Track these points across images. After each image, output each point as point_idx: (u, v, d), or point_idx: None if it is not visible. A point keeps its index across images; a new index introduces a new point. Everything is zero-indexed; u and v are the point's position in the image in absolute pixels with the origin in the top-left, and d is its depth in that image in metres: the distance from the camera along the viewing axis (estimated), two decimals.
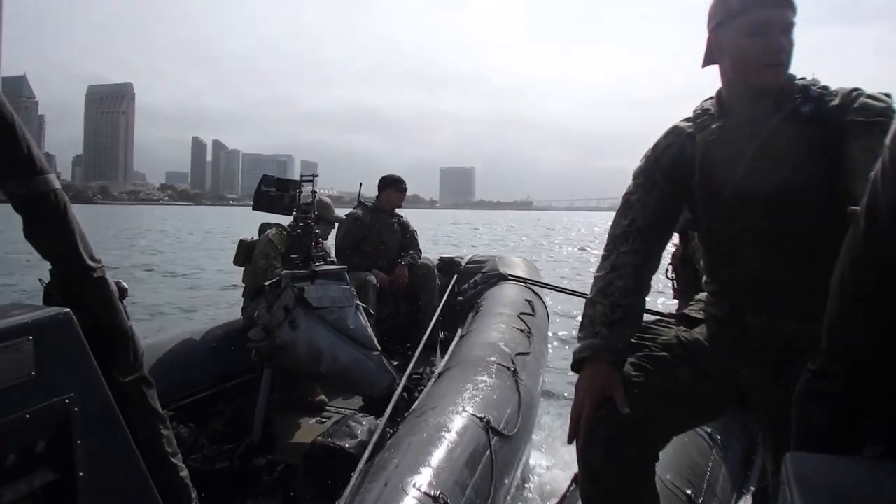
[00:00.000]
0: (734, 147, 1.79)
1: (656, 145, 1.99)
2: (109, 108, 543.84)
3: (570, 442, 1.84)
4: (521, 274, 5.78)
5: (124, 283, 1.87)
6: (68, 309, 1.47)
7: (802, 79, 1.79)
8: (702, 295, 2.05)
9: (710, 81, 1.92)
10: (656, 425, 1.79)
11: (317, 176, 4.05)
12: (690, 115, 1.95)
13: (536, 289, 5.65)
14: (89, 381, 1.50)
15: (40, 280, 1.73)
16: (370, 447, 2.54)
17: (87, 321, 1.54)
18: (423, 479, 2.21)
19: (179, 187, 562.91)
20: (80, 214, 1.72)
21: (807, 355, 1.19)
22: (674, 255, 4.04)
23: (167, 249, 26.07)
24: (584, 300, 2.02)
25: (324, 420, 3.73)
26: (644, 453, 1.78)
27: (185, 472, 1.91)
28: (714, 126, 1.85)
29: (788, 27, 1.73)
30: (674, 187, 1.93)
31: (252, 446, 3.42)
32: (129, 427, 1.62)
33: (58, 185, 1.66)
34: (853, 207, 1.05)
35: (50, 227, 1.66)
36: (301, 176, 3.98)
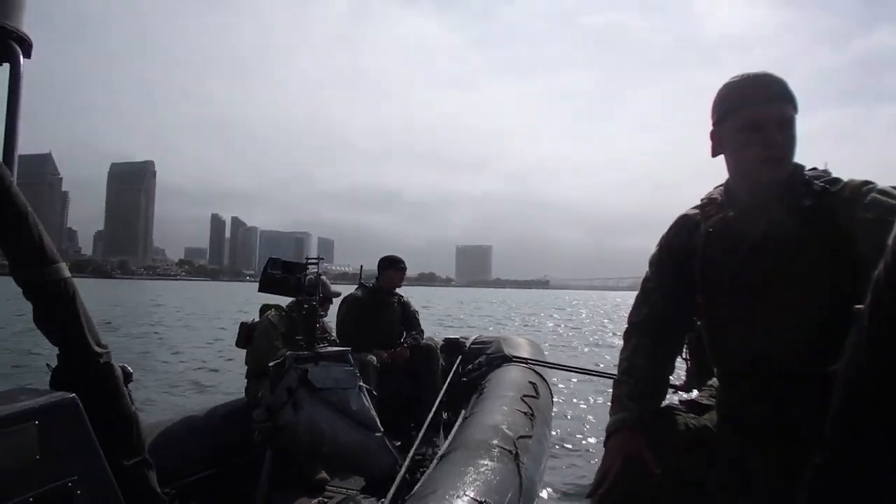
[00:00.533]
0: (733, 240, 1.81)
1: (667, 233, 2.04)
2: (131, 185, 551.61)
3: (588, 497, 1.88)
4: (525, 355, 5.77)
5: (129, 368, 1.92)
6: (74, 394, 1.52)
7: (813, 169, 1.79)
8: (713, 381, 2.08)
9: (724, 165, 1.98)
10: None
11: (322, 259, 4.11)
12: (699, 203, 1.98)
13: (541, 370, 5.63)
14: (92, 464, 1.53)
15: (48, 364, 1.77)
16: None
17: (93, 405, 1.59)
18: None
19: (197, 263, 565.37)
20: (86, 287, 1.77)
21: (812, 447, 1.19)
22: (688, 337, 4.00)
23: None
24: (589, 377, 2.04)
25: (325, 500, 3.71)
26: None
27: None
28: (717, 217, 1.87)
29: (785, 122, 1.72)
30: (684, 275, 1.96)
31: None
32: None
33: (67, 273, 1.73)
34: (858, 306, 1.06)
35: (59, 315, 1.72)
36: (307, 258, 4.06)
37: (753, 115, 1.73)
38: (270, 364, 3.65)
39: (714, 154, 1.89)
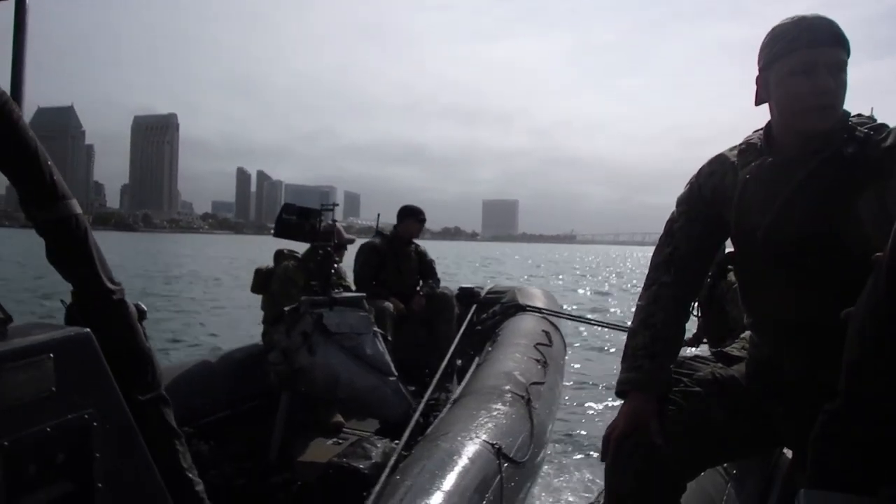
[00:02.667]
0: (770, 188, 1.73)
1: (700, 172, 1.96)
2: (155, 138, 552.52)
3: (602, 460, 1.87)
4: (539, 305, 5.80)
5: (143, 306, 1.95)
6: (88, 329, 1.52)
7: (858, 115, 1.69)
8: (746, 333, 2.02)
9: (757, 121, 1.86)
10: (684, 463, 1.80)
11: (336, 205, 4.14)
12: (738, 144, 1.90)
13: (554, 319, 5.68)
14: (108, 397, 1.55)
15: (62, 301, 1.81)
16: (387, 470, 2.60)
17: (107, 341, 1.59)
18: (434, 502, 2.27)
19: (221, 216, 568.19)
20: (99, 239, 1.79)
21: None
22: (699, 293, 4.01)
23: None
24: (600, 328, 1.98)
25: (340, 441, 3.80)
26: (670, 489, 1.80)
27: (200, 487, 1.96)
28: (755, 163, 1.79)
29: (838, 67, 1.63)
30: (716, 217, 1.90)
31: (270, 465, 3.51)
32: (147, 442, 1.67)
33: (79, 210, 1.74)
34: (878, 254, 1.09)
35: (71, 251, 1.74)
36: (322, 205, 4.08)
37: (806, 57, 1.63)
38: (286, 308, 3.70)
39: (758, 102, 1.80)
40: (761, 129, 1.85)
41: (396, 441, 3.07)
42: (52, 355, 1.40)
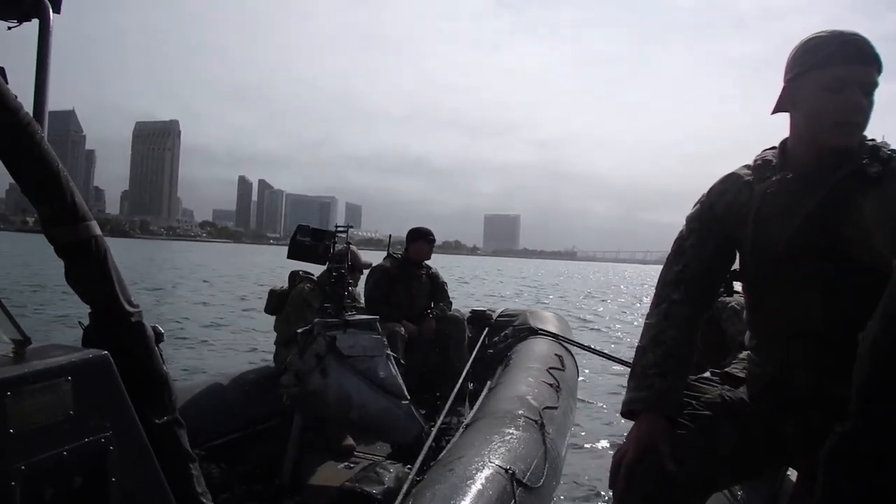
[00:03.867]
0: (791, 201, 1.72)
1: (711, 191, 1.94)
2: (155, 144, 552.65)
3: (610, 487, 1.83)
4: (551, 329, 5.80)
5: (160, 328, 1.92)
6: (106, 352, 1.52)
7: (872, 140, 1.69)
8: (744, 353, 1.98)
9: (758, 139, 1.86)
10: (696, 487, 1.76)
11: (351, 227, 4.16)
12: (750, 163, 1.89)
13: (567, 343, 5.66)
14: (125, 421, 1.54)
15: (80, 323, 1.78)
16: (400, 496, 2.57)
17: (125, 364, 1.58)
18: None
19: (221, 224, 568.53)
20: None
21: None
22: None
23: None
24: (612, 362, 1.96)
25: (352, 465, 3.78)
26: None
27: None
28: (774, 178, 1.78)
29: (870, 86, 1.64)
30: (727, 235, 1.88)
31: (281, 488, 3.49)
32: (162, 466, 1.65)
33: (98, 231, 1.72)
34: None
35: (90, 273, 1.71)
36: (336, 227, 4.08)
37: (841, 73, 1.61)
38: (298, 330, 3.70)
39: (776, 110, 1.79)
40: (774, 146, 1.84)
41: (409, 466, 3.03)
42: (70, 378, 1.39)
